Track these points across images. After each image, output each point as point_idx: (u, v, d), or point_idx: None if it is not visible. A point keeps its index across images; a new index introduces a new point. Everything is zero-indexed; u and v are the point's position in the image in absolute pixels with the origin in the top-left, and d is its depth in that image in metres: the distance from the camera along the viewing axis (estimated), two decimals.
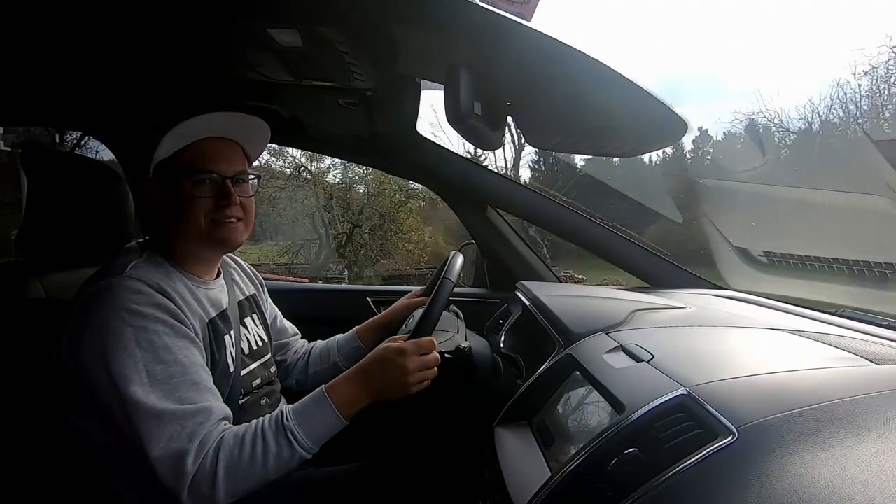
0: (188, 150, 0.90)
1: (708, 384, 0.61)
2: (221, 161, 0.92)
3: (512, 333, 1.24)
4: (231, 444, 0.79)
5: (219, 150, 0.92)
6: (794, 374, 0.65)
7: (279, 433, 0.82)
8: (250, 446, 0.80)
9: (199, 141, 0.91)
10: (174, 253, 0.93)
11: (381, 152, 1.57)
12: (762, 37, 15.25)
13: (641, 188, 4.00)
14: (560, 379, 0.90)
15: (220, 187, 0.91)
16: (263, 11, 0.75)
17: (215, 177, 0.91)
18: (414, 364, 0.88)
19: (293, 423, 0.83)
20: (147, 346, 0.79)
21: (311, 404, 0.86)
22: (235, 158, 0.94)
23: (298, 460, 0.83)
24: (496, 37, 0.74)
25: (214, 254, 0.98)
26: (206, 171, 0.90)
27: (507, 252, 1.63)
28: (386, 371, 0.88)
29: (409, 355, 0.88)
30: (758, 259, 1.45)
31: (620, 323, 1.01)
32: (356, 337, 1.23)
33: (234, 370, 0.94)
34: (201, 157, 0.90)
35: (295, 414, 0.84)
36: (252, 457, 0.80)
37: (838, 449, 0.49)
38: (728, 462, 0.50)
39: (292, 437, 0.82)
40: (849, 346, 0.77)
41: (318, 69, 0.93)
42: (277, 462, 0.81)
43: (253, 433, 0.82)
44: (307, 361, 1.22)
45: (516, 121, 0.96)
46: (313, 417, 0.85)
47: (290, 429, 0.82)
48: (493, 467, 0.81)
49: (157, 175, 0.91)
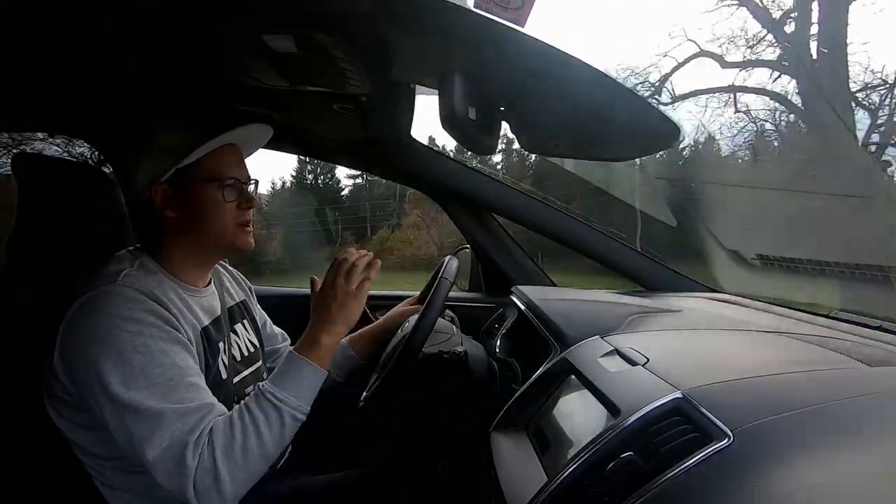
0: (212, 155, 0.90)
1: (703, 387, 0.61)
2: (240, 166, 0.94)
3: (508, 338, 1.24)
4: (221, 427, 0.78)
5: (237, 156, 0.94)
6: (788, 377, 0.65)
7: (261, 400, 0.82)
8: (239, 422, 0.79)
9: (221, 146, 0.92)
10: (169, 260, 0.92)
11: (376, 157, 1.57)
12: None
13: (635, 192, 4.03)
14: (556, 383, 0.90)
15: (240, 192, 0.93)
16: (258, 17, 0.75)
17: (237, 182, 0.92)
18: (341, 280, 0.90)
19: (270, 386, 0.83)
20: (144, 351, 0.78)
21: (282, 365, 0.87)
22: (244, 163, 0.96)
23: (291, 422, 0.82)
24: (490, 42, 0.74)
25: (217, 259, 0.98)
26: (232, 176, 0.91)
27: (503, 256, 1.63)
28: (329, 300, 0.90)
29: (339, 275, 0.91)
30: (751, 262, 1.47)
31: (616, 326, 1.01)
32: (348, 347, 1.21)
33: (227, 377, 0.93)
34: (226, 162, 0.91)
35: (272, 380, 0.85)
36: (244, 433, 0.78)
37: (833, 451, 0.49)
38: (724, 465, 0.50)
39: (274, 398, 0.81)
40: (841, 349, 0.78)
41: (312, 75, 0.93)
42: (270, 430, 0.80)
43: (239, 411, 0.81)
44: None
45: (511, 126, 0.97)
46: (288, 374, 0.85)
47: (270, 392, 0.82)
48: (490, 473, 0.81)
49: (173, 179, 0.89)
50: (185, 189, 0.90)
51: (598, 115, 0.85)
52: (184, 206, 0.90)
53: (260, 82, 0.97)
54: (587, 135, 0.92)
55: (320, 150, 1.60)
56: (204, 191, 0.90)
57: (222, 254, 0.99)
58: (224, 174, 0.91)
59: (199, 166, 0.90)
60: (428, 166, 1.55)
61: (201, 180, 0.90)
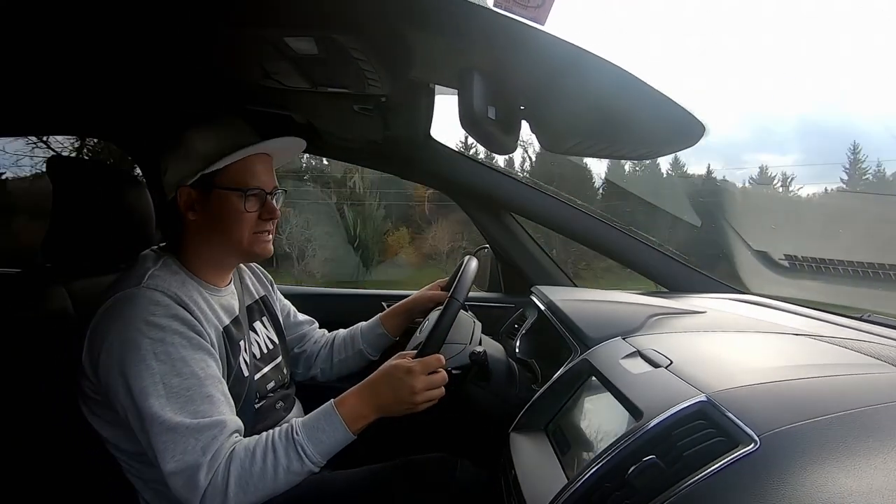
0: (239, 163, 0.92)
1: (728, 390, 0.60)
2: (265, 176, 0.95)
3: (527, 338, 1.24)
4: (242, 457, 0.81)
5: (264, 166, 0.95)
6: (818, 381, 0.64)
7: (289, 447, 0.84)
8: (261, 459, 0.82)
9: (250, 155, 0.93)
10: (193, 260, 0.94)
11: (396, 158, 1.58)
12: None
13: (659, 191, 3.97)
14: (576, 384, 0.89)
15: (263, 202, 0.94)
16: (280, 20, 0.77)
17: (261, 192, 0.94)
18: (421, 384, 0.89)
19: (303, 436, 0.85)
20: (164, 359, 0.81)
21: (320, 418, 0.88)
22: (272, 173, 0.97)
23: (307, 473, 0.85)
24: (510, 41, 0.73)
25: (238, 262, 1.00)
26: (256, 186, 0.93)
27: (522, 256, 1.62)
28: (394, 389, 0.89)
29: (417, 375, 0.89)
30: (779, 262, 1.43)
31: (638, 328, 0.99)
32: (379, 324, 1.24)
33: (249, 375, 0.95)
34: (251, 171, 0.93)
35: (305, 428, 0.86)
36: (263, 470, 0.81)
37: (864, 458, 0.48)
38: (750, 471, 0.49)
39: (302, 452, 0.84)
40: (874, 352, 0.75)
41: (333, 76, 0.94)
42: (287, 475, 0.83)
43: (264, 446, 0.83)
44: (331, 350, 1.24)
45: (530, 125, 0.96)
46: (323, 431, 0.86)
47: (300, 443, 0.84)
48: (509, 473, 0.81)
49: (198, 183, 0.91)
50: (209, 194, 0.92)
51: (619, 113, 0.84)
52: (206, 210, 0.92)
53: (281, 84, 0.98)
54: (608, 133, 0.91)
55: (341, 150, 1.61)
56: (227, 198, 0.92)
57: (241, 258, 1.01)
58: (248, 184, 0.92)
59: (224, 173, 0.91)
60: (447, 166, 1.55)
61: (225, 187, 0.91)
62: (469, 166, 1.56)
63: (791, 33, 15.20)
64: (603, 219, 1.55)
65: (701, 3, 18.68)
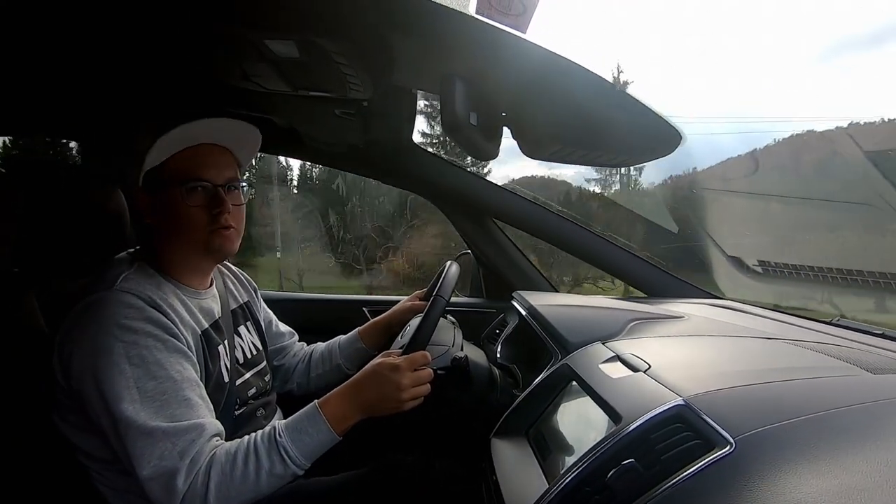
0: (178, 158, 0.88)
1: (705, 394, 0.61)
2: (212, 168, 0.90)
3: (508, 343, 1.24)
4: (223, 461, 0.78)
5: (209, 157, 0.90)
6: (791, 384, 0.65)
7: (272, 449, 0.81)
8: (242, 463, 0.79)
9: (188, 148, 0.88)
10: (166, 263, 0.92)
11: (378, 162, 1.57)
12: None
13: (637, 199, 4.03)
14: (557, 389, 0.89)
15: (212, 195, 0.89)
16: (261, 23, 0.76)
17: (207, 185, 0.89)
18: (408, 380, 0.88)
19: (286, 439, 0.82)
20: (138, 362, 0.78)
21: (304, 419, 0.86)
22: (226, 165, 0.92)
23: (291, 476, 0.83)
24: (491, 48, 0.74)
25: (208, 263, 0.97)
26: (197, 178, 0.88)
27: (504, 261, 1.63)
28: (380, 387, 0.88)
29: (403, 371, 0.88)
30: (752, 268, 1.46)
31: (617, 333, 1.01)
32: (358, 338, 1.23)
33: (229, 380, 0.93)
34: (192, 164, 0.88)
35: (288, 430, 0.84)
36: (244, 474, 0.79)
37: (836, 459, 0.49)
38: (726, 472, 0.50)
39: (285, 454, 0.81)
40: (844, 356, 0.77)
41: (314, 80, 0.94)
42: (270, 479, 0.80)
43: (245, 449, 0.81)
44: (308, 364, 1.22)
45: (511, 131, 0.97)
46: (306, 433, 0.84)
47: (283, 445, 0.82)
48: (490, 478, 0.81)
49: (146, 184, 0.89)
50: (157, 194, 0.89)
51: (599, 120, 0.85)
52: (159, 211, 0.89)
53: (262, 87, 0.97)
54: (588, 141, 0.92)
55: (322, 154, 1.60)
56: (170, 194, 0.88)
57: (206, 257, 0.94)
58: (188, 176, 0.88)
59: (167, 170, 0.88)
60: (429, 171, 1.55)
61: (168, 184, 0.88)
62: (451, 171, 1.56)
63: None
64: (584, 225, 1.57)
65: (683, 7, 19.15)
